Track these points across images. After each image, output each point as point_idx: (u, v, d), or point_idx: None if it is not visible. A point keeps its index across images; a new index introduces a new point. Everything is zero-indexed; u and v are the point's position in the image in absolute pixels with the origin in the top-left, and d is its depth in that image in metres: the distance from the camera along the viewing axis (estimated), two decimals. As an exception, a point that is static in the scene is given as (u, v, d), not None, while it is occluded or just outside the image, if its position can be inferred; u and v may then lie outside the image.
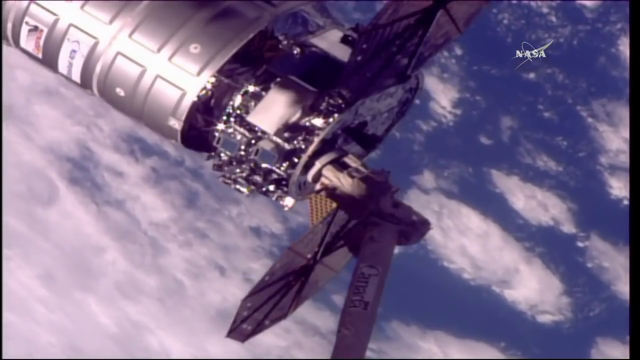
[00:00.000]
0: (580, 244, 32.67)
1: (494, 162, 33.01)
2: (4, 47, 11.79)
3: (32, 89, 33.25)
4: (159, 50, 11.08)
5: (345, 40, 11.64)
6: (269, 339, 33.54)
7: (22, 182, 34.33)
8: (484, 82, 33.05)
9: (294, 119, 11.03)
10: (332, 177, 11.23)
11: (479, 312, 32.89)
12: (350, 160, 11.35)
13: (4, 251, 34.26)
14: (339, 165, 11.27)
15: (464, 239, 33.06)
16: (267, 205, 32.82)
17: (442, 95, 32.73)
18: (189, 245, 34.48)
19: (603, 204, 32.30)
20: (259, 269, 32.46)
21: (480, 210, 33.15)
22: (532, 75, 32.56)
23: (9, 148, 33.29)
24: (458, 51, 32.70)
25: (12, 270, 34.87)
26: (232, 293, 33.93)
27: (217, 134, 11.19)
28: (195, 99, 11.10)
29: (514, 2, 32.35)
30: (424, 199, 32.71)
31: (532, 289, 32.97)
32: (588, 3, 32.16)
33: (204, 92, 11.10)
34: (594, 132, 32.35)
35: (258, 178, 11.30)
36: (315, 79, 11.17)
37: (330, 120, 11.05)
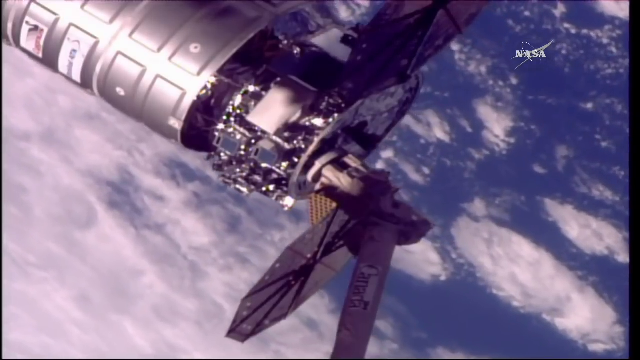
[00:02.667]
0: (636, 274, 32.09)
1: (548, 191, 32.61)
2: (4, 47, 11.96)
3: (74, 113, 33.55)
4: (159, 49, 11.12)
5: (345, 40, 11.64)
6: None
7: (61, 206, 34.58)
8: (540, 112, 32.73)
9: (294, 118, 11.06)
10: (332, 177, 11.23)
11: (528, 339, 32.37)
12: (350, 160, 11.36)
13: (40, 273, 34.56)
14: (339, 165, 11.28)
15: (514, 267, 32.65)
16: (310, 231, 32.65)
17: (495, 124, 32.47)
18: (229, 270, 34.38)
19: (661, 235, 31.66)
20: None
21: (532, 238, 32.74)
22: (589, 105, 32.22)
23: (48, 171, 33.64)
24: (513, 80, 32.50)
25: (48, 292, 35.07)
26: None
27: (217, 134, 11.21)
28: (196, 98, 11.12)
29: (550, 28, 32.08)
30: (474, 226, 32.44)
31: (584, 317, 32.41)
32: (650, 34, 31.76)
33: (204, 91, 11.13)
34: (653, 163, 31.82)
35: (258, 178, 11.33)
36: (315, 79, 11.18)
37: (330, 120, 11.06)
